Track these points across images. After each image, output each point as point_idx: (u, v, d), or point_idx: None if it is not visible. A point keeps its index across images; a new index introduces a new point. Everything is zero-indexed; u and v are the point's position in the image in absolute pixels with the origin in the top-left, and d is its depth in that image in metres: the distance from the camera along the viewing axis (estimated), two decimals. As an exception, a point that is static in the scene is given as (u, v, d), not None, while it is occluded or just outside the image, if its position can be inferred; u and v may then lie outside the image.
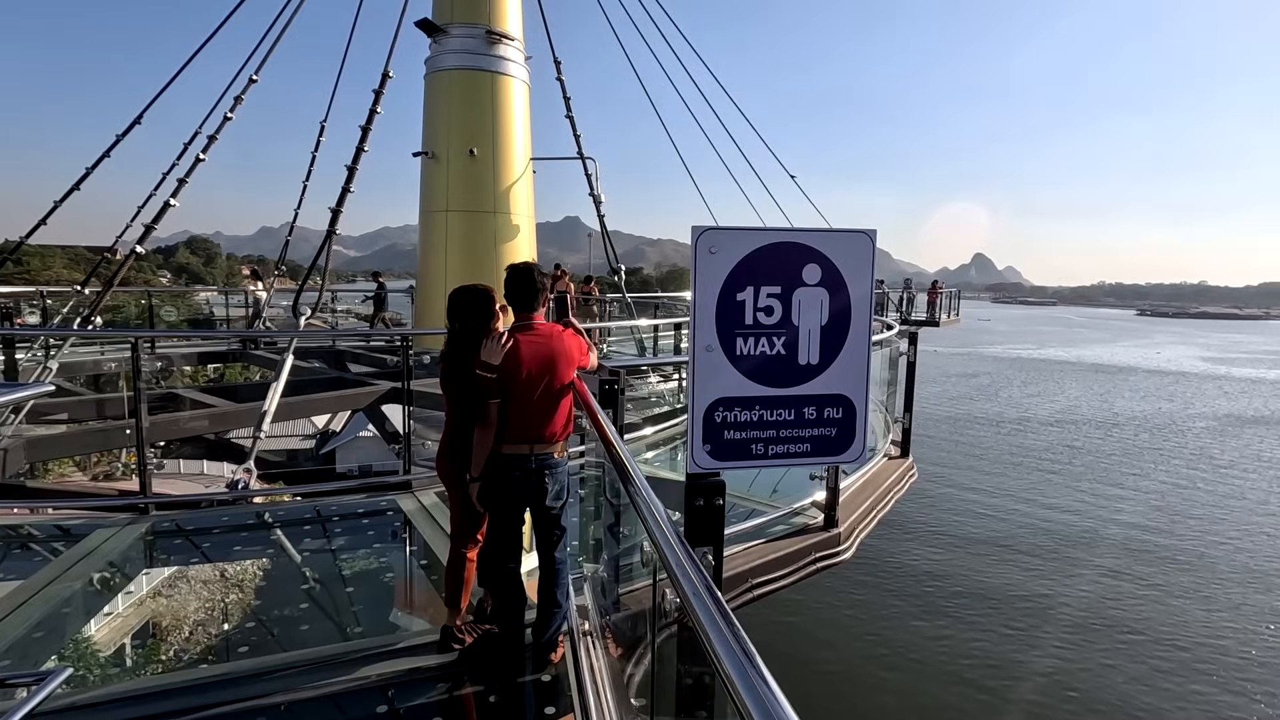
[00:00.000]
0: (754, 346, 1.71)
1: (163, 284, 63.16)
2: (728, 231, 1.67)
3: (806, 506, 5.37)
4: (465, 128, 11.01)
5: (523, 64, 11.67)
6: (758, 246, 1.68)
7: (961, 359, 76.68)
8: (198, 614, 4.19)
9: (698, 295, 1.67)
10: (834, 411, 1.78)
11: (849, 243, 1.72)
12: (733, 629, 1.04)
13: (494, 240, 11.28)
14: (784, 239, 1.70)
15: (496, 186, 11.21)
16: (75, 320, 8.56)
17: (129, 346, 5.18)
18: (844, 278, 1.73)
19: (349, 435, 38.26)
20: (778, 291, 1.70)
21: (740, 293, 1.69)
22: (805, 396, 1.76)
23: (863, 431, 1.81)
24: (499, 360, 2.97)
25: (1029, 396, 53.87)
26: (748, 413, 1.73)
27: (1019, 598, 17.54)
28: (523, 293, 3.14)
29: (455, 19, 11.03)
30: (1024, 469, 31.06)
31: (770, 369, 1.73)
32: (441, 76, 11.17)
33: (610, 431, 2.86)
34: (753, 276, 1.69)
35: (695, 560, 1.29)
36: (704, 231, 1.66)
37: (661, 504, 1.78)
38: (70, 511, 5.24)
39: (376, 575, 4.51)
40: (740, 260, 1.67)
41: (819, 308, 1.73)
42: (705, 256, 1.66)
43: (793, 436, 1.77)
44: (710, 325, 1.68)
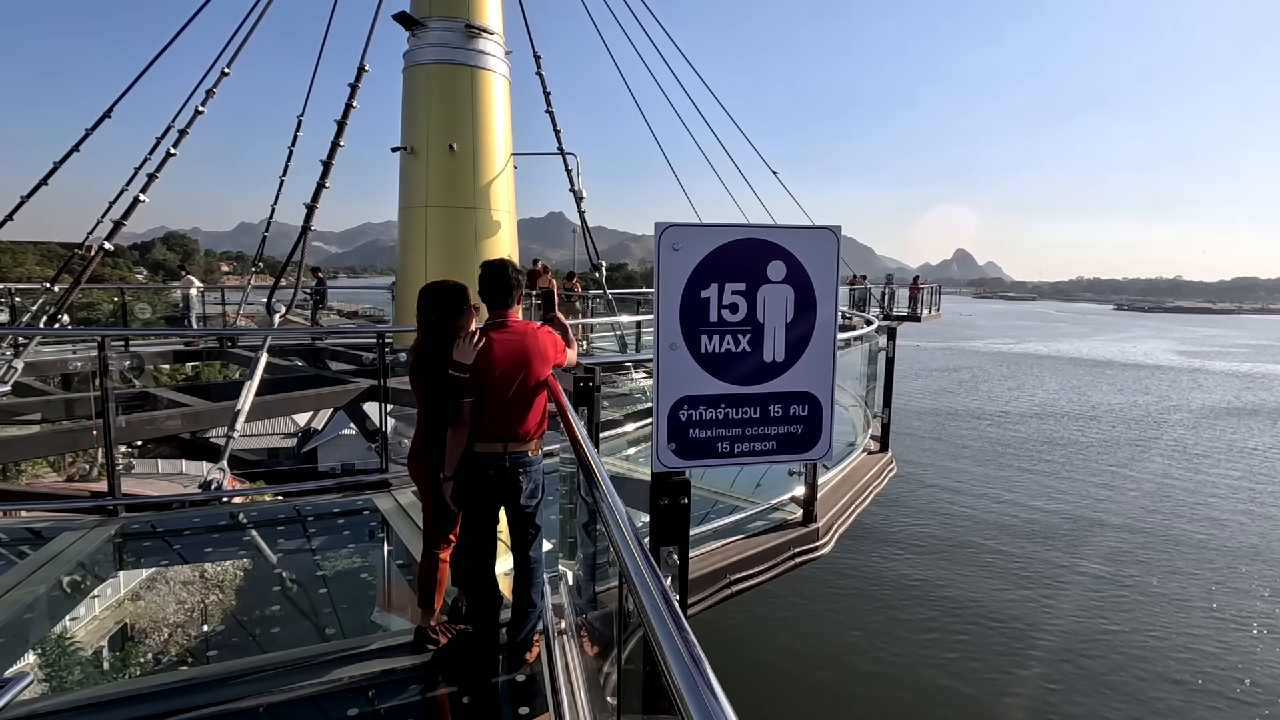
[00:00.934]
0: (719, 344, 1.70)
1: (138, 280, 62.07)
2: (691, 229, 1.66)
3: (785, 502, 5.39)
4: (445, 122, 10.88)
5: (503, 59, 11.56)
6: (722, 244, 1.67)
7: (943, 354, 77.47)
8: (171, 616, 4.12)
9: (661, 292, 1.66)
10: (800, 409, 1.77)
11: (814, 239, 1.72)
12: (685, 638, 1.03)
13: (475, 236, 11.17)
14: (747, 235, 1.69)
15: (477, 182, 11.10)
16: (42, 318, 8.38)
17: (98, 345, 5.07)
18: (809, 275, 1.72)
19: (330, 434, 37.90)
20: (742, 289, 1.70)
21: (704, 290, 1.67)
22: (771, 394, 1.75)
23: (829, 428, 1.81)
24: (472, 359, 2.95)
25: (1009, 390, 54.56)
26: (713, 411, 1.72)
27: (999, 597, 17.76)
28: (497, 290, 3.11)
29: (434, 12, 10.89)
30: (1004, 462, 31.46)
31: (735, 366, 1.72)
32: (420, 70, 11.02)
33: (580, 432, 2.85)
34: (717, 273, 1.67)
35: (655, 568, 1.29)
36: (667, 228, 1.64)
37: (633, 505, 1.77)
38: (38, 514, 5.13)
39: (353, 575, 4.47)
40: (704, 257, 1.66)
41: (784, 305, 1.72)
42: (668, 253, 1.65)
43: (759, 434, 1.76)
44: (674, 323, 1.67)
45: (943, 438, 35.92)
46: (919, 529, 21.98)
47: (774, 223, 13.78)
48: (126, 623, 4.07)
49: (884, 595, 17.42)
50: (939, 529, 22.09)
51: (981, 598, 17.47)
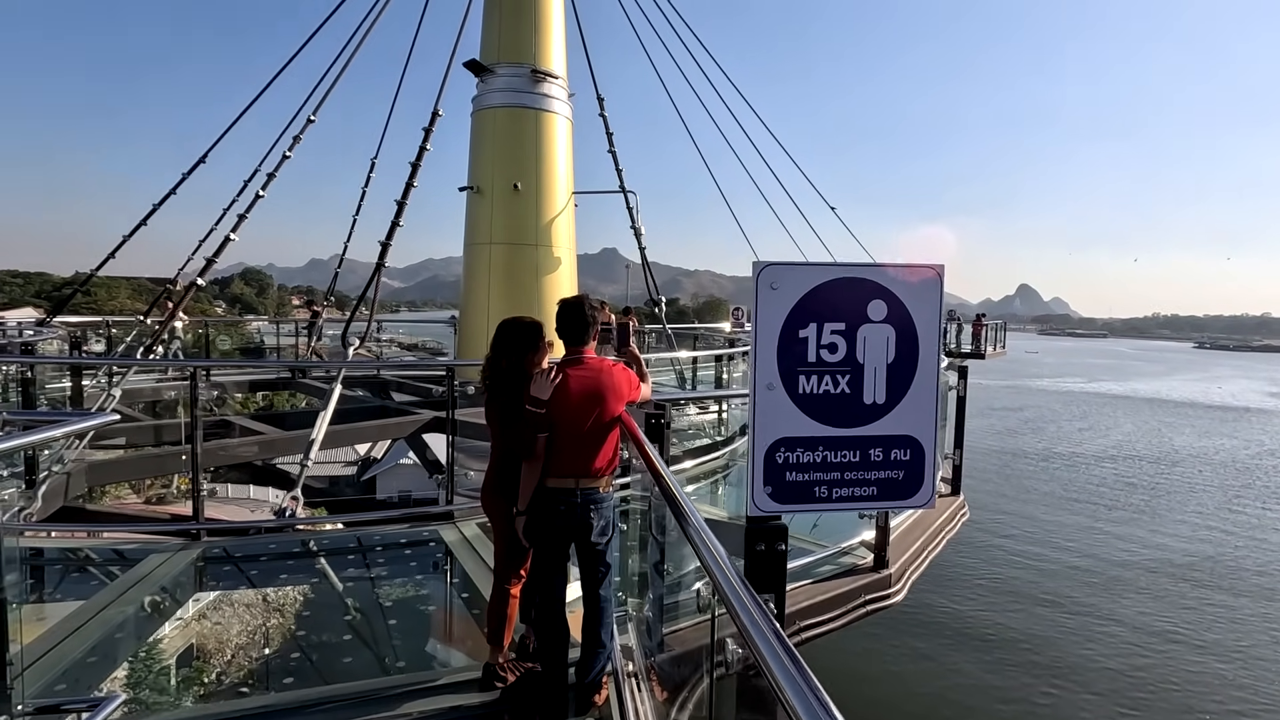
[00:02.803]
0: (817, 385, 1.66)
1: (218, 313, 65.73)
2: (789, 267, 1.63)
3: (855, 546, 5.19)
4: (510, 163, 11.28)
5: (565, 100, 11.94)
6: (821, 282, 1.64)
7: (1008, 392, 74.52)
8: (242, 640, 4.23)
9: (759, 332, 1.63)
10: (901, 453, 1.70)
11: (916, 279, 1.67)
12: (810, 685, 0.98)
13: (536, 272, 11.44)
14: (848, 275, 1.65)
15: (539, 220, 11.41)
16: (138, 349, 8.93)
17: (187, 375, 5.34)
18: (911, 314, 1.67)
19: (390, 462, 38.83)
20: (842, 328, 1.65)
21: (803, 329, 1.64)
22: (871, 437, 1.69)
23: (932, 474, 1.73)
24: (548, 395, 2.97)
25: (1080, 431, 51.93)
26: (811, 454, 1.67)
27: (1082, 651, 16.62)
28: (573, 326, 3.14)
29: (501, 59, 11.39)
30: (1079, 506, 29.78)
31: (834, 408, 1.67)
32: (487, 114, 11.50)
33: (661, 466, 2.82)
34: (816, 313, 1.64)
35: (763, 609, 1.24)
36: (765, 267, 1.63)
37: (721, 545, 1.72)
38: (126, 536, 5.38)
39: (418, 607, 4.50)
40: (803, 296, 1.63)
41: (885, 345, 1.67)
42: (766, 293, 1.62)
43: (858, 479, 1.70)
44: (772, 363, 1.64)
45: (1011, 479, 34.31)
46: (993, 574, 20.89)
47: (832, 258, 13.58)
48: (203, 646, 4.19)
49: (959, 645, 16.53)
50: (1014, 575, 20.95)
51: (1065, 652, 16.38)
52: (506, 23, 11.55)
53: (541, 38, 11.62)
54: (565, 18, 12.11)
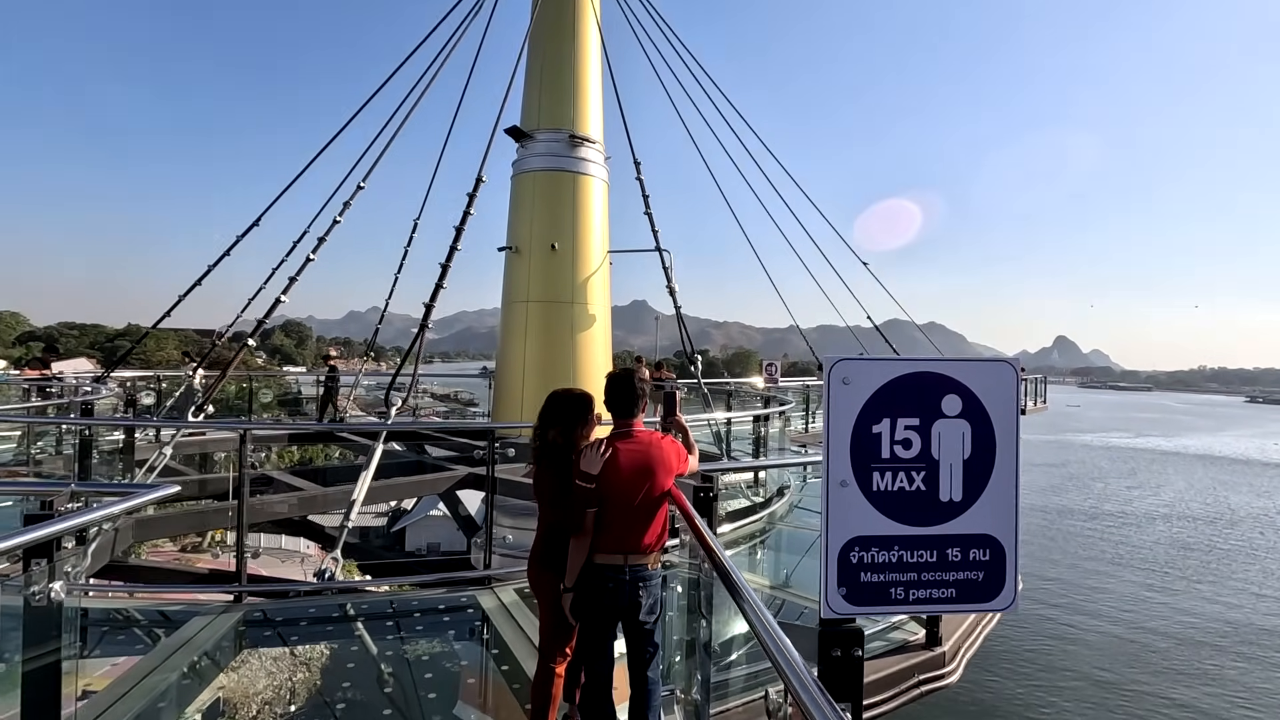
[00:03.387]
0: (892, 481, 1.62)
1: (259, 364, 67.59)
2: (862, 362, 1.62)
3: (904, 621, 4.98)
4: (547, 224, 11.57)
5: (602, 164, 12.29)
6: (894, 377, 1.61)
7: (1050, 447, 72.20)
8: (280, 708, 4.18)
9: (831, 427, 1.61)
10: (981, 553, 1.64)
11: (991, 373, 1.64)
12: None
13: (571, 329, 11.58)
14: (921, 369, 1.63)
15: (575, 278, 11.61)
16: (190, 409, 9.22)
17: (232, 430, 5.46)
18: (987, 409, 1.63)
19: (419, 514, 38.84)
20: (916, 423, 1.62)
21: (876, 425, 1.61)
22: (949, 536, 1.63)
23: (1014, 576, 1.66)
24: (598, 469, 2.95)
25: (1128, 488, 49.84)
26: (886, 553, 1.62)
27: None
28: (622, 400, 3.15)
29: (541, 125, 11.82)
30: (1132, 569, 28.33)
31: (910, 506, 1.62)
32: (527, 177, 11.87)
33: (713, 542, 2.76)
34: (889, 407, 1.61)
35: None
36: (837, 362, 1.62)
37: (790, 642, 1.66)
38: (170, 598, 5.42)
39: (456, 677, 4.41)
40: (875, 391, 1.61)
41: (961, 441, 1.63)
42: (838, 387, 1.61)
43: (936, 580, 1.63)
44: (845, 459, 1.61)
45: (1059, 538, 32.87)
46: (1046, 651, 19.81)
47: (865, 312, 13.39)
48: (243, 712, 4.15)
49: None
50: (1069, 651, 19.85)
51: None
52: (547, 91, 12.04)
53: (580, 105, 12.06)
54: (603, 85, 12.58)
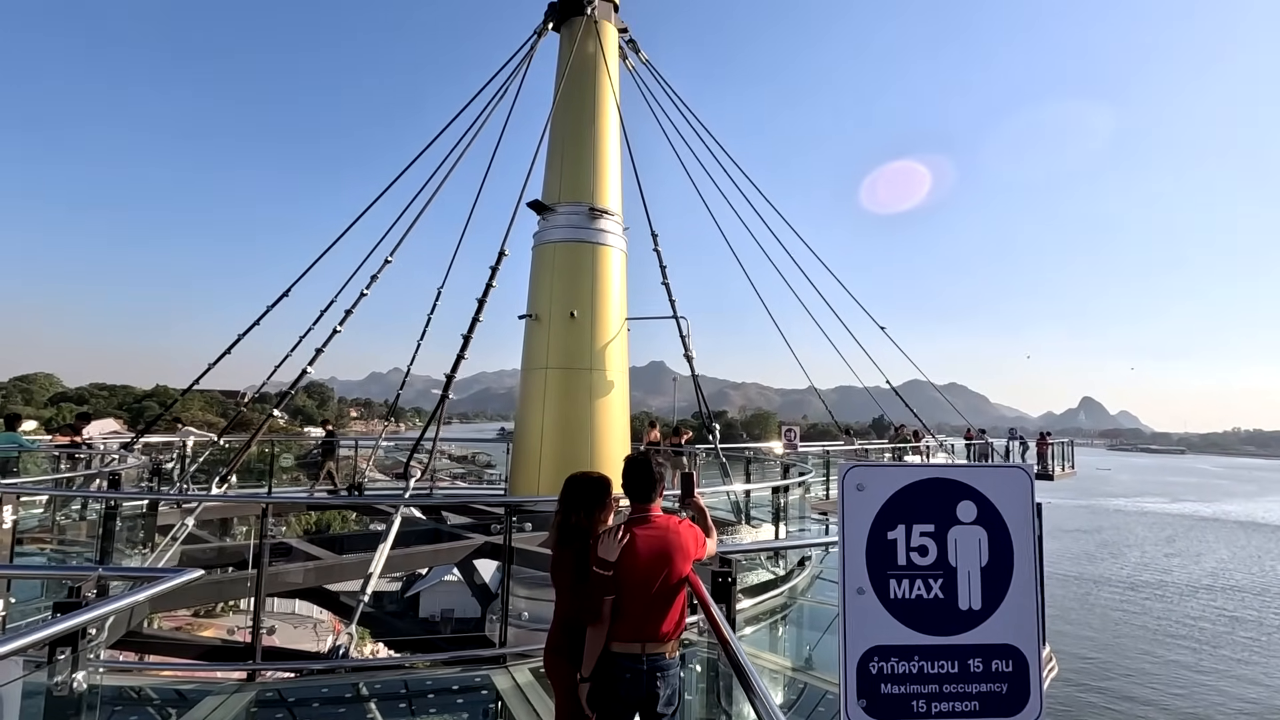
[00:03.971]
0: (909, 589, 1.62)
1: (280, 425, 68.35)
2: (876, 469, 1.65)
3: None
4: (567, 293, 11.83)
5: (620, 234, 12.64)
6: (907, 483, 1.64)
7: (1081, 512, 69.89)
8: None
9: (846, 534, 1.63)
10: (1003, 664, 1.61)
11: (1004, 479, 1.65)
12: None
13: (589, 396, 11.66)
14: (934, 475, 1.65)
15: (593, 345, 11.77)
16: (214, 480, 9.35)
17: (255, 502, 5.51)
18: (1002, 516, 1.64)
19: (433, 579, 38.23)
20: (931, 530, 1.63)
21: (891, 531, 1.63)
22: (970, 646, 1.61)
23: (1039, 688, 1.63)
24: (616, 556, 2.95)
25: (1167, 556, 47.82)
26: (906, 663, 1.60)
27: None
28: (640, 484, 3.17)
29: (562, 199, 12.25)
30: (1176, 644, 26.86)
31: (929, 614, 1.62)
32: (547, 248, 12.23)
33: (728, 634, 2.72)
34: (904, 514, 1.63)
35: None
36: (851, 468, 1.65)
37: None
38: (183, 674, 5.37)
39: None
40: (890, 497, 1.63)
41: (978, 547, 1.63)
42: (853, 494, 1.63)
43: (958, 692, 1.61)
44: (860, 566, 1.61)
45: (1096, 610, 31.40)
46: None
47: (883, 376, 13.36)
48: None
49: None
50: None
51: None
52: (568, 166, 12.53)
53: (599, 179, 12.51)
54: (621, 159, 13.07)
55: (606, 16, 13.50)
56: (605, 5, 13.52)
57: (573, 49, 12.88)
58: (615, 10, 13.86)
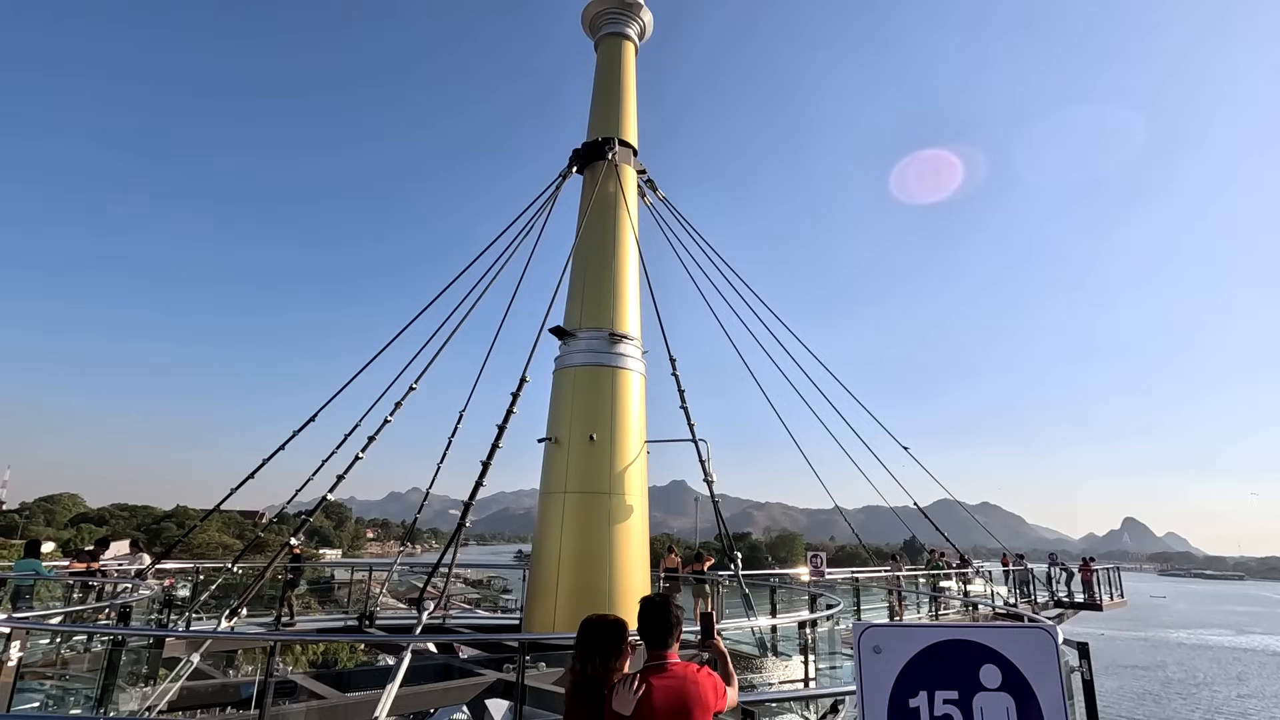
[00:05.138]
0: (937, 764, 1.54)
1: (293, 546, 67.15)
2: (892, 630, 1.62)
3: None
4: (587, 416, 11.96)
5: (639, 358, 12.94)
6: (926, 645, 1.59)
7: (1139, 646, 64.61)
8: None
9: (865, 699, 1.57)
10: None
11: (1028, 640, 1.60)
12: None
13: (608, 521, 11.46)
14: (953, 636, 1.61)
15: (613, 468, 11.72)
16: (224, 614, 9.16)
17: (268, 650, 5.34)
18: (1029, 681, 1.58)
19: (442, 717, 35.82)
20: (955, 696, 1.57)
21: (913, 698, 1.56)
22: (1008, 831, 1.51)
23: None
24: (631, 709, 2.81)
25: (1241, 697, 43.47)
26: None
27: None
28: (657, 629, 3.06)
29: (583, 325, 12.69)
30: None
31: (960, 793, 1.52)
32: (568, 372, 12.52)
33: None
34: (925, 679, 1.57)
35: None
36: (866, 629, 1.61)
37: None
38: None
39: None
40: (909, 661, 1.59)
41: (1005, 716, 1.56)
42: (870, 656, 1.59)
43: None
44: (884, 736, 1.55)
45: (1168, 765, 28.12)
46: None
47: (909, 496, 13.09)
48: None
49: None
50: None
51: None
52: (589, 294, 13.08)
53: (619, 306, 13.01)
54: (640, 287, 13.63)
55: (626, 160, 14.60)
56: (625, 150, 14.66)
57: (594, 189, 13.84)
58: (634, 155, 15.01)
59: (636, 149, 15.10)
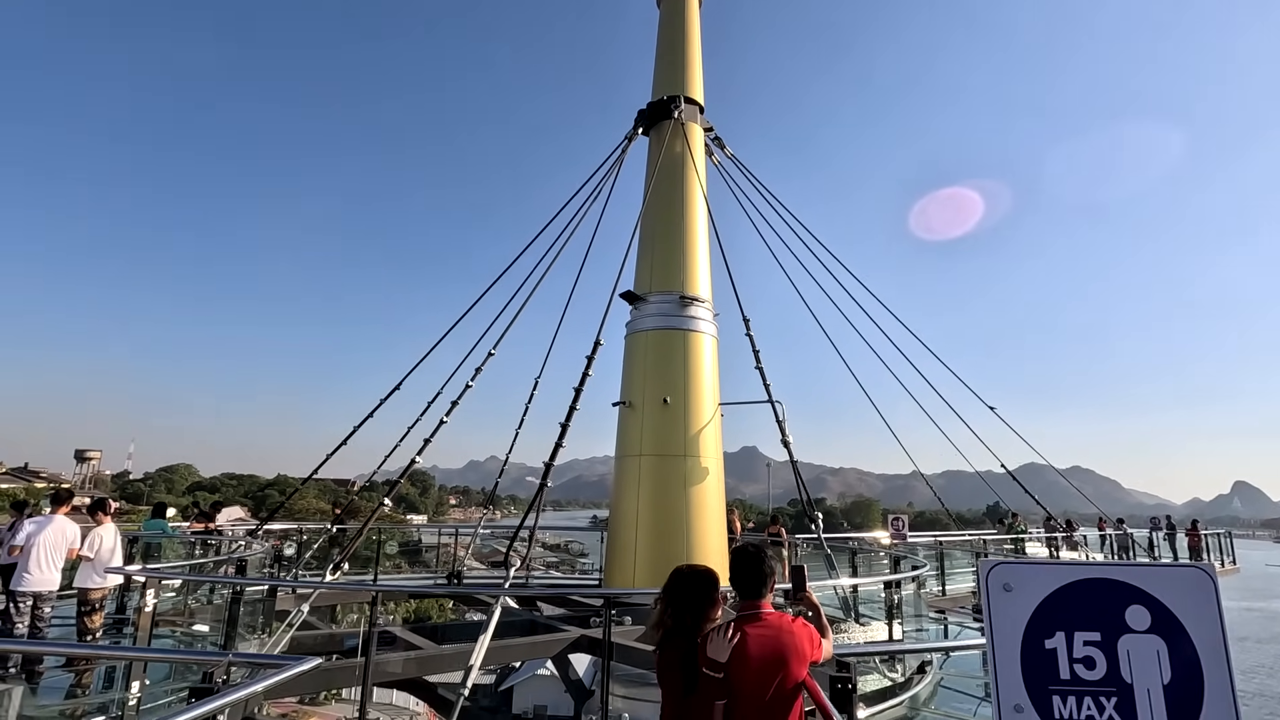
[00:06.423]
0: (1076, 709, 1.42)
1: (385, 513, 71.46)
2: (1024, 566, 1.50)
3: None
4: (660, 380, 11.95)
5: (711, 320, 12.77)
6: (1063, 584, 1.47)
7: (1256, 618, 60.28)
8: None
9: (995, 641, 1.46)
10: (1205, 806, 1.37)
11: (1183, 580, 1.45)
12: None
13: (684, 483, 11.49)
14: (1094, 575, 1.48)
15: (687, 432, 11.70)
16: (329, 567, 9.82)
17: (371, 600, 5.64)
18: (1183, 624, 1.43)
19: (526, 673, 37.49)
20: (1097, 638, 1.44)
21: (1049, 639, 1.45)
22: (1159, 782, 1.38)
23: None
24: (725, 657, 2.79)
25: (1388, 675, 39.94)
26: (1082, 800, 1.39)
27: None
28: (751, 578, 3.01)
29: (654, 289, 12.60)
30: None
31: (1103, 740, 1.41)
32: (640, 336, 12.50)
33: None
34: (1062, 619, 1.45)
35: None
36: (995, 566, 1.50)
37: None
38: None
39: None
40: (1043, 600, 1.47)
41: (1156, 661, 1.43)
42: (999, 594, 1.48)
43: (1151, 840, 1.37)
44: (1015, 679, 1.44)
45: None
46: None
47: (997, 459, 12.42)
48: None
49: None
50: None
51: None
52: (659, 257, 12.96)
53: (689, 268, 12.83)
54: (710, 248, 13.41)
55: (693, 119, 14.25)
56: (691, 108, 14.30)
57: (661, 150, 13.59)
58: (701, 112, 14.62)
59: (703, 106, 14.71)
